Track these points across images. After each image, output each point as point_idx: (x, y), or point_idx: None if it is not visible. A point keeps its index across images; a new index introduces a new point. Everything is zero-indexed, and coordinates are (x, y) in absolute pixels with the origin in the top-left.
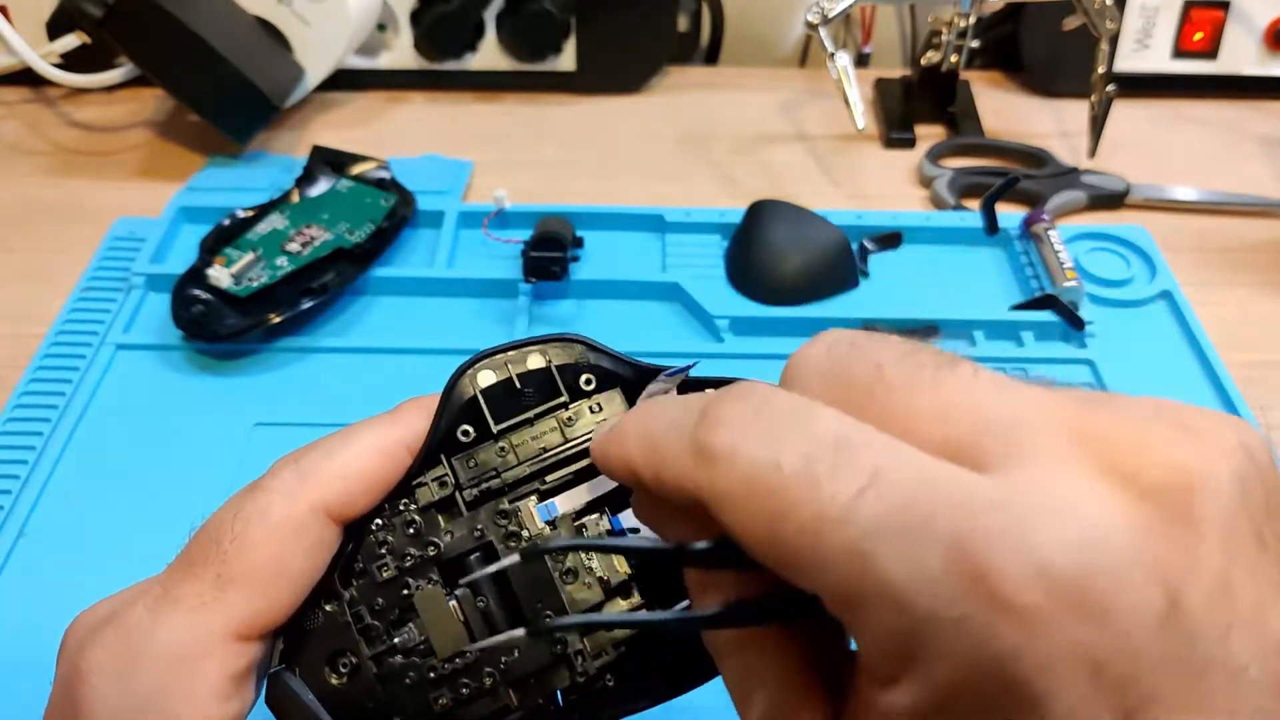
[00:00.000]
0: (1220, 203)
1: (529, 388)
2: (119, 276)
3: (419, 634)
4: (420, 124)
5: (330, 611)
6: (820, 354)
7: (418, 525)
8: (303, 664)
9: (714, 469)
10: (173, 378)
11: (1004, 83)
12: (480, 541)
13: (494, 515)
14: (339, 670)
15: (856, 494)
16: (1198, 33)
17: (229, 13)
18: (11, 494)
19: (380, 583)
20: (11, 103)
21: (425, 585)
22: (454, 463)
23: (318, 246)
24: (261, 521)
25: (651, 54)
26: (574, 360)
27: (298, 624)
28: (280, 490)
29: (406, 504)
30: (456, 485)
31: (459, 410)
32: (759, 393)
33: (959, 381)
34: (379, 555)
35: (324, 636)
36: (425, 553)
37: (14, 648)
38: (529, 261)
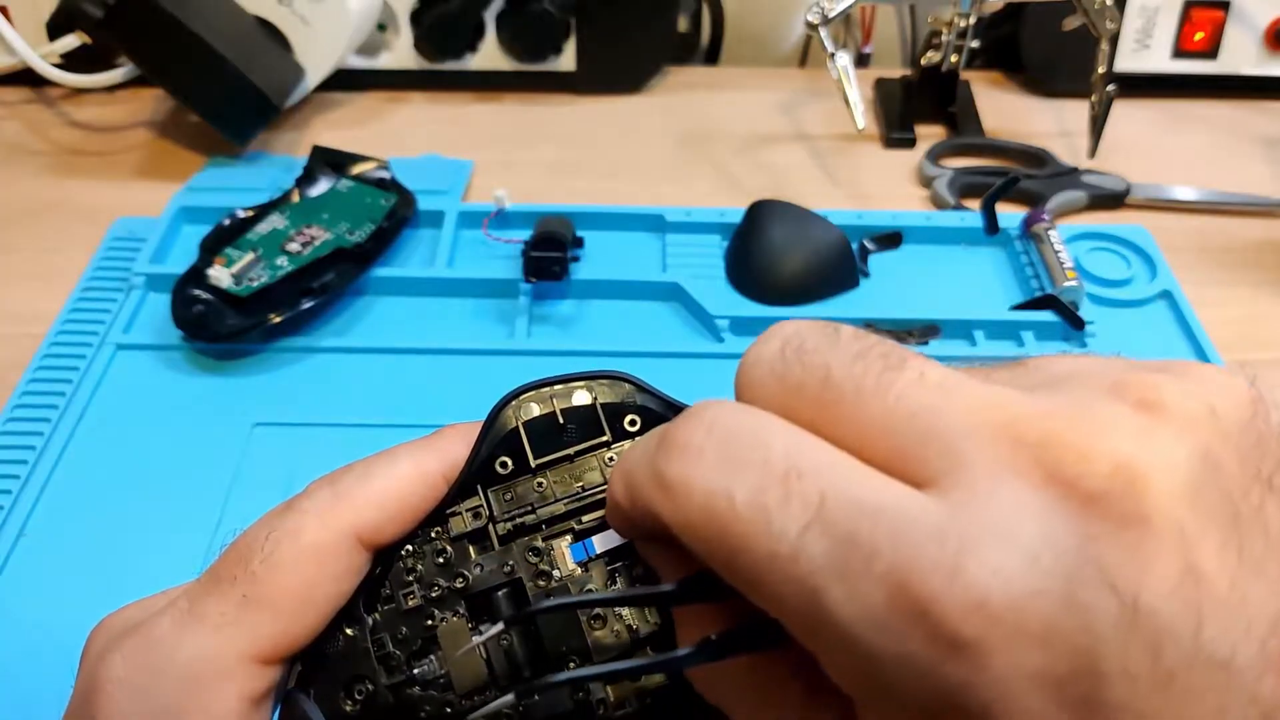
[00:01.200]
0: (1220, 203)
1: (572, 424)
2: (119, 276)
3: (439, 667)
4: (420, 124)
5: (352, 636)
6: (773, 355)
7: (448, 555)
8: (319, 687)
9: (673, 499)
10: (173, 378)
11: (1004, 83)
12: (510, 577)
13: (526, 551)
14: (354, 697)
15: (803, 529)
16: (1198, 33)
17: (229, 13)
18: (11, 494)
19: (405, 611)
20: (12, 103)
21: (450, 618)
22: (490, 494)
23: (318, 246)
24: (293, 543)
25: (651, 54)
26: (620, 399)
27: (318, 646)
28: (314, 512)
29: (439, 532)
30: (491, 518)
31: (499, 441)
32: (709, 415)
33: (905, 385)
34: (406, 583)
35: (343, 661)
36: (453, 584)
37: (14, 647)
38: (529, 261)
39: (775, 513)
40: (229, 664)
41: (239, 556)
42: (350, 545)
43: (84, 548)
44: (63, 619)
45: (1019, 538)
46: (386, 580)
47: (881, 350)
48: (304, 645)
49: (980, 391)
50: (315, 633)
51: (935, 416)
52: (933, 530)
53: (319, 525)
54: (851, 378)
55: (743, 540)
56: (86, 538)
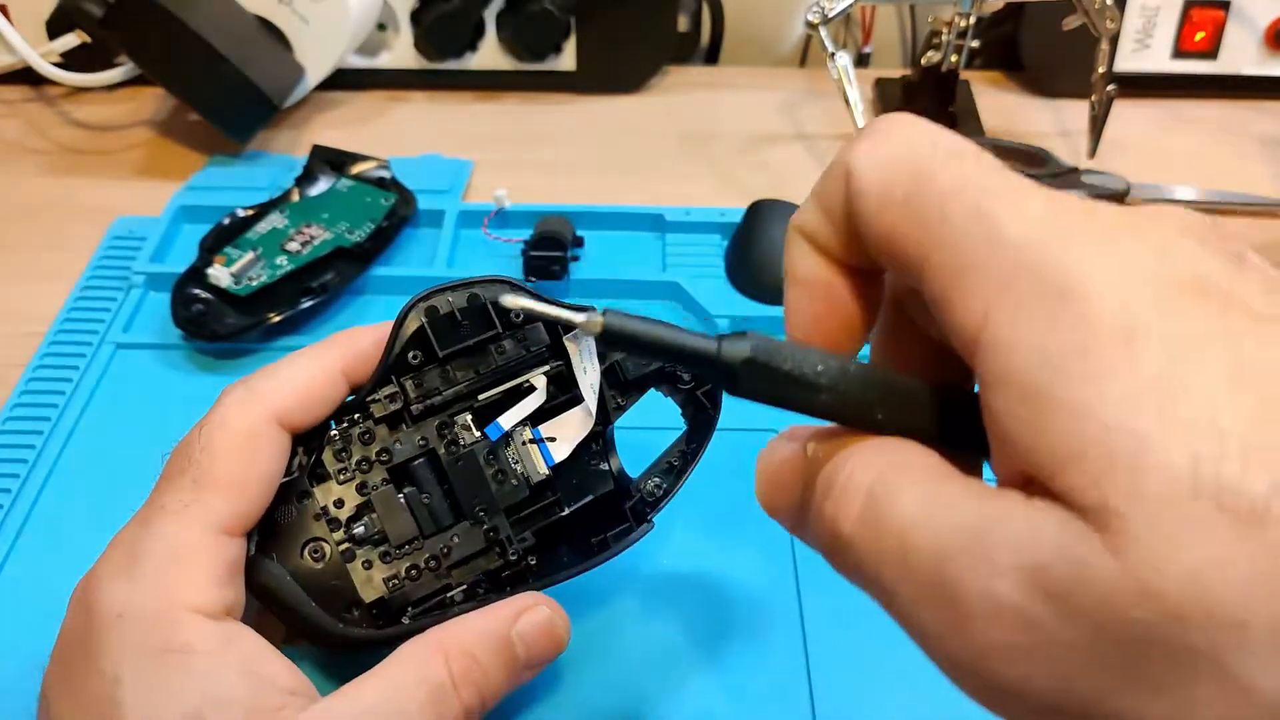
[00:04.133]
0: (1220, 203)
1: (467, 320)
2: (119, 276)
3: (375, 525)
4: (420, 123)
5: (302, 507)
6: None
7: (371, 434)
8: (280, 551)
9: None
10: (173, 377)
11: (1004, 83)
12: (425, 449)
13: (437, 427)
14: (312, 556)
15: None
16: (1198, 33)
17: (229, 12)
18: (11, 493)
19: (341, 483)
20: (11, 101)
21: (379, 484)
22: (403, 382)
23: (318, 246)
24: (222, 430)
25: (651, 54)
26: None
27: (269, 520)
28: (233, 405)
29: (362, 416)
30: (406, 401)
31: (410, 337)
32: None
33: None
34: (339, 460)
35: (298, 528)
36: (378, 458)
37: (14, 647)
38: (529, 261)
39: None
40: (196, 537)
41: (179, 455)
42: (270, 427)
43: (84, 547)
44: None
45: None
46: (321, 459)
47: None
48: (256, 516)
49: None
50: (261, 504)
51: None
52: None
53: (240, 414)
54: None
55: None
56: (86, 537)
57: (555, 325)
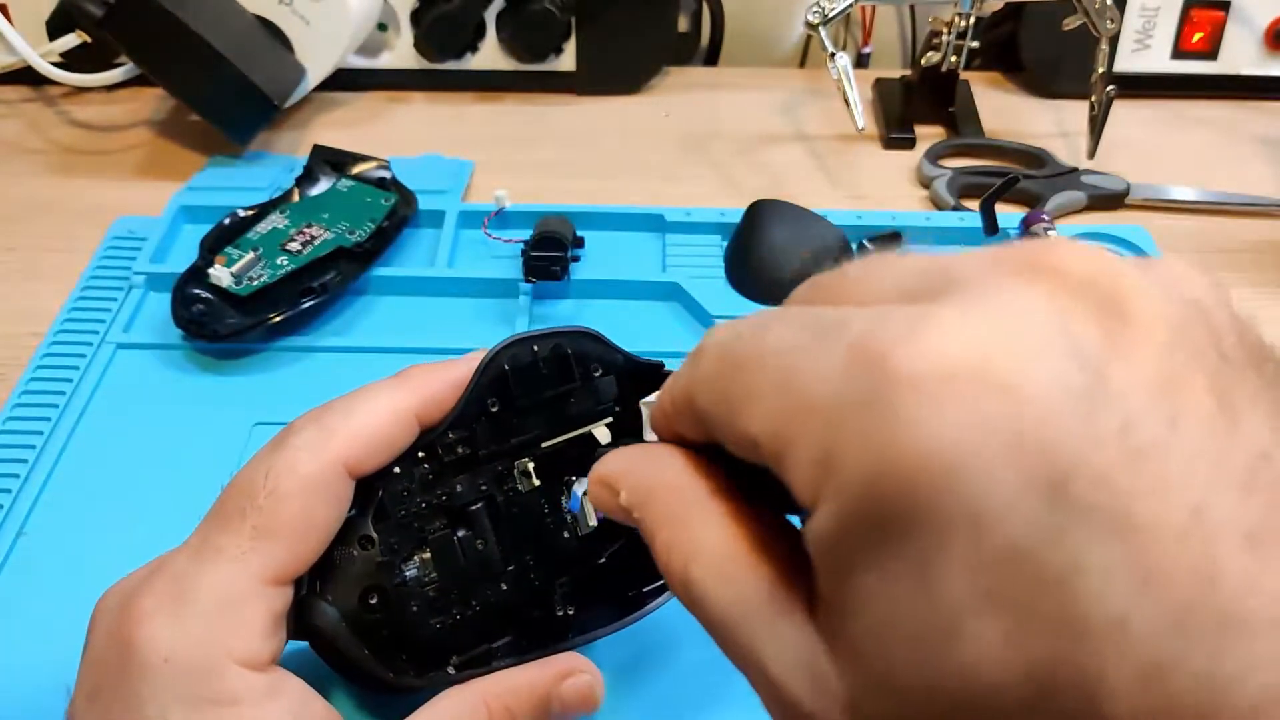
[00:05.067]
0: (1220, 203)
1: (548, 370)
2: (119, 276)
3: (427, 569)
4: (421, 124)
5: (366, 553)
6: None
7: (436, 477)
8: (335, 594)
9: (698, 361)
10: (173, 377)
11: (1004, 83)
12: (483, 493)
13: (495, 472)
14: (368, 602)
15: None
16: (1198, 33)
17: (229, 12)
18: (11, 493)
19: (399, 524)
20: (12, 101)
21: (438, 528)
22: (475, 428)
23: (318, 246)
24: (291, 477)
25: (651, 54)
26: (585, 350)
27: (326, 559)
28: (306, 447)
29: (423, 457)
30: (475, 447)
31: (491, 384)
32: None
33: (914, 254)
34: (401, 501)
35: (358, 572)
36: (438, 500)
37: (14, 647)
38: (529, 261)
39: (771, 329)
40: (250, 586)
41: (241, 494)
42: (339, 475)
43: (84, 547)
44: (63, 619)
45: (990, 303)
46: (383, 500)
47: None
48: (309, 564)
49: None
50: (318, 553)
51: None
52: (904, 311)
53: (311, 459)
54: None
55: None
56: (86, 537)
57: (624, 377)
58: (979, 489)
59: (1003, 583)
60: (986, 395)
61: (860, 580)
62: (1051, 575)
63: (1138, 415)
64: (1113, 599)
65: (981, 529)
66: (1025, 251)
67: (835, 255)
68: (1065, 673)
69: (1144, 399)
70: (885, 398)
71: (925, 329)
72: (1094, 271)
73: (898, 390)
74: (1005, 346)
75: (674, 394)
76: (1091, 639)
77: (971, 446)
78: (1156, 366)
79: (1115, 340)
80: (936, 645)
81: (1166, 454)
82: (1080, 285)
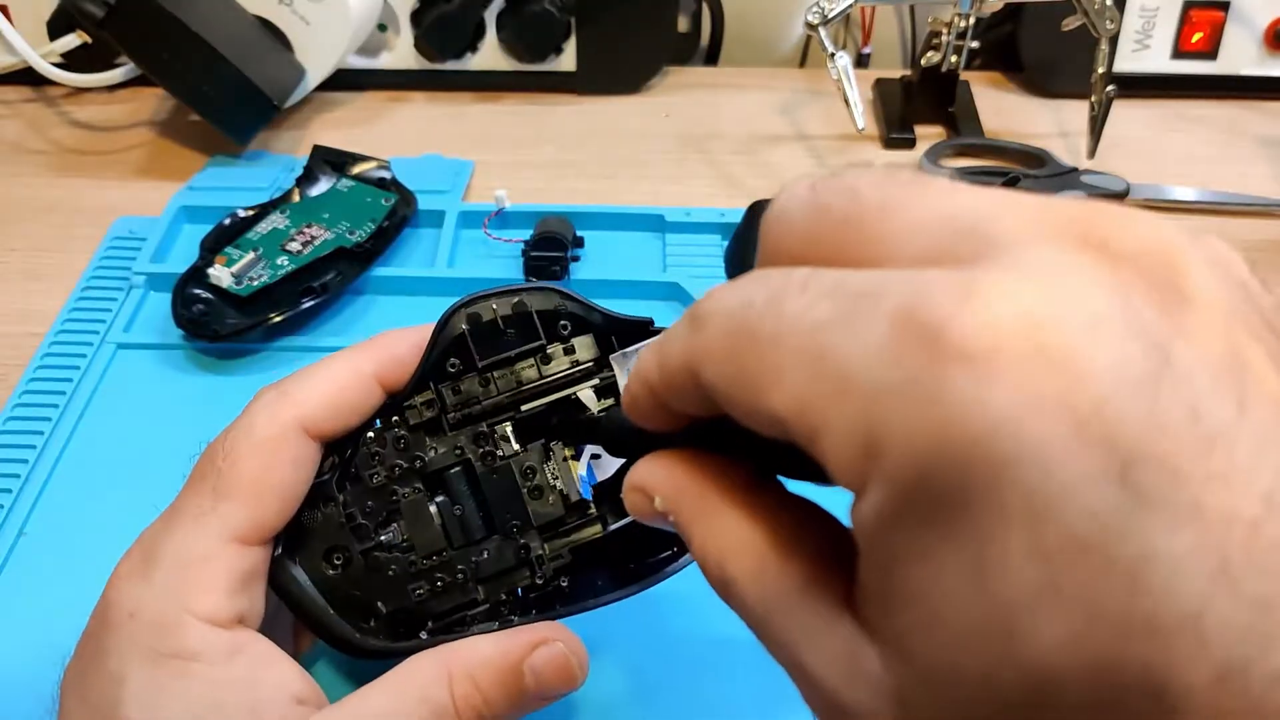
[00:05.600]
0: (1220, 203)
1: (511, 329)
2: (120, 276)
3: (402, 534)
4: (421, 124)
5: (328, 512)
6: (803, 190)
7: (406, 440)
8: (302, 555)
9: (702, 330)
10: (173, 377)
11: (1004, 83)
12: (460, 458)
13: (473, 437)
14: (333, 562)
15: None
16: (1197, 33)
17: (229, 12)
18: (11, 493)
19: (371, 488)
20: (12, 102)
21: (410, 493)
22: (441, 389)
23: (318, 246)
24: (248, 437)
25: (651, 54)
26: (552, 307)
27: (297, 522)
28: (262, 410)
29: (398, 421)
30: (442, 409)
31: (449, 344)
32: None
33: (935, 193)
34: (371, 465)
35: (322, 533)
36: (412, 465)
37: (14, 647)
38: (529, 261)
39: (788, 300)
40: (211, 545)
41: (205, 460)
42: (297, 435)
43: (84, 548)
44: (63, 619)
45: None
46: (354, 463)
47: (910, 170)
48: (276, 526)
49: (1010, 193)
50: (283, 513)
51: (967, 213)
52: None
53: (268, 420)
54: (880, 193)
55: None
56: (86, 538)
57: (605, 336)
58: (1041, 475)
59: (1066, 575)
60: (1048, 375)
61: (911, 570)
62: (1119, 567)
63: (1205, 399)
64: (1186, 593)
65: (1044, 517)
66: (1074, 216)
67: None
68: (1134, 671)
69: (1209, 382)
70: (937, 375)
71: (977, 299)
72: (1150, 244)
73: (950, 367)
74: (1065, 322)
75: (668, 364)
76: (1163, 635)
77: (1033, 429)
78: (1221, 347)
79: (1176, 319)
80: (994, 640)
81: (1236, 439)
82: (1136, 258)
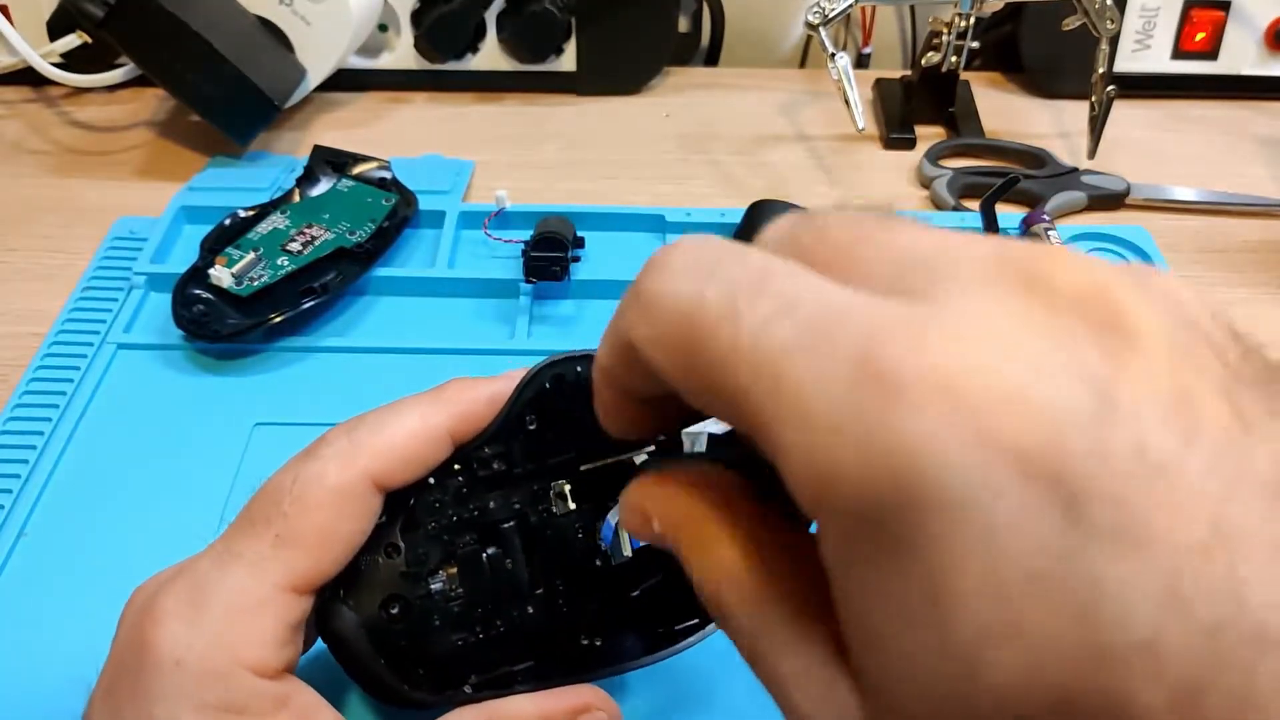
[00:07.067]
0: (1220, 203)
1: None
2: (120, 276)
3: (453, 584)
4: (421, 124)
5: (389, 561)
6: (781, 226)
7: (470, 492)
8: (357, 600)
9: (649, 313)
10: (173, 377)
11: (1004, 83)
12: (516, 512)
13: (531, 492)
14: (390, 611)
15: (770, 317)
16: (1198, 33)
17: (230, 13)
18: (12, 494)
19: (428, 536)
20: (12, 102)
21: (466, 543)
22: (513, 445)
23: (319, 246)
24: (318, 487)
25: (652, 54)
26: None
27: (353, 566)
28: (335, 458)
29: (460, 470)
30: (511, 464)
31: (530, 402)
32: (685, 239)
33: (896, 232)
34: (433, 512)
35: (382, 581)
36: (470, 515)
37: (14, 647)
38: (530, 261)
39: (744, 306)
40: (267, 594)
41: (268, 501)
42: (367, 488)
43: (84, 548)
44: (63, 619)
45: (991, 321)
46: (415, 510)
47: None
48: (331, 575)
49: (971, 234)
50: (340, 565)
51: (920, 248)
52: (905, 315)
53: (339, 470)
54: (847, 229)
55: (710, 333)
56: (86, 538)
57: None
58: (988, 511)
59: (1019, 608)
60: (996, 416)
61: (871, 607)
62: (1071, 598)
63: (1151, 434)
64: (1137, 620)
65: (993, 553)
66: (1021, 258)
67: None
68: (1094, 700)
69: (1156, 416)
70: (888, 414)
71: (928, 342)
72: (1092, 286)
73: (901, 407)
74: (1012, 365)
75: (614, 346)
76: (1118, 663)
77: (979, 467)
78: (1165, 383)
79: (1120, 359)
80: (955, 679)
81: (1182, 469)
82: (1079, 301)
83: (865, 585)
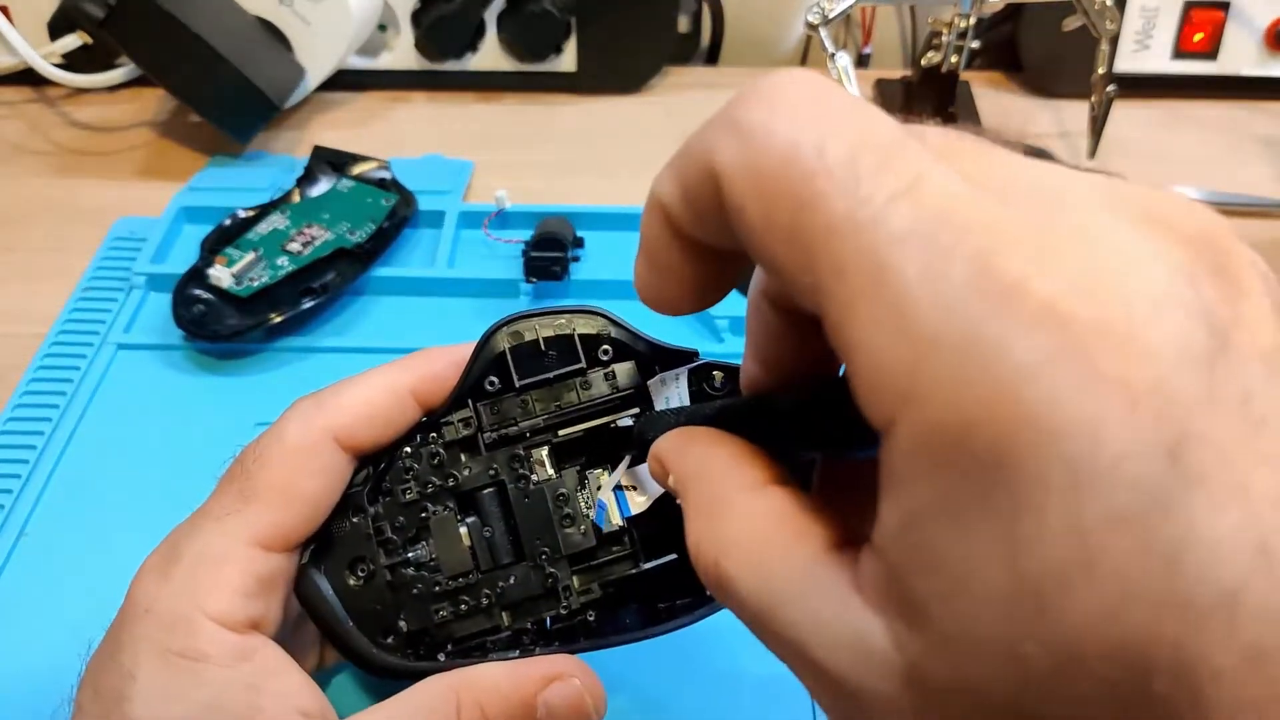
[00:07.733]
0: (1220, 203)
1: (553, 350)
2: (120, 276)
3: (430, 552)
4: (421, 124)
5: (356, 523)
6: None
7: (441, 458)
8: (328, 564)
9: (747, 142)
10: (173, 378)
11: (1004, 83)
12: (494, 479)
13: (508, 459)
14: (356, 573)
15: (891, 198)
16: (1198, 33)
17: (230, 13)
18: (12, 493)
19: (402, 503)
20: (13, 102)
21: (441, 510)
22: (479, 408)
23: (319, 246)
24: (279, 443)
25: (652, 54)
26: (596, 331)
27: (326, 532)
28: (295, 418)
29: (434, 438)
30: (479, 428)
31: (489, 363)
32: (815, 80)
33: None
34: (404, 479)
35: (348, 543)
36: (445, 483)
37: (14, 647)
38: (530, 261)
39: (866, 175)
40: (231, 547)
41: (236, 463)
42: (328, 445)
43: (84, 548)
44: (63, 619)
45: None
46: (386, 476)
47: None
48: (300, 535)
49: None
50: (309, 522)
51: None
52: (1033, 228)
53: (300, 428)
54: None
55: (820, 197)
56: (86, 538)
57: (648, 365)
58: (1090, 447)
59: (1104, 549)
60: (1111, 347)
61: (938, 531)
62: (1159, 543)
63: (1258, 385)
64: (1224, 573)
65: (1086, 489)
66: (1137, 193)
67: None
68: (1164, 651)
69: (1261, 368)
70: (1003, 335)
71: (1053, 263)
72: (1207, 229)
73: (1017, 329)
74: (1133, 296)
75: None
76: (1197, 615)
77: (1090, 401)
78: (1270, 337)
79: (1234, 305)
80: (1021, 612)
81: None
82: (1196, 240)
83: (936, 508)
